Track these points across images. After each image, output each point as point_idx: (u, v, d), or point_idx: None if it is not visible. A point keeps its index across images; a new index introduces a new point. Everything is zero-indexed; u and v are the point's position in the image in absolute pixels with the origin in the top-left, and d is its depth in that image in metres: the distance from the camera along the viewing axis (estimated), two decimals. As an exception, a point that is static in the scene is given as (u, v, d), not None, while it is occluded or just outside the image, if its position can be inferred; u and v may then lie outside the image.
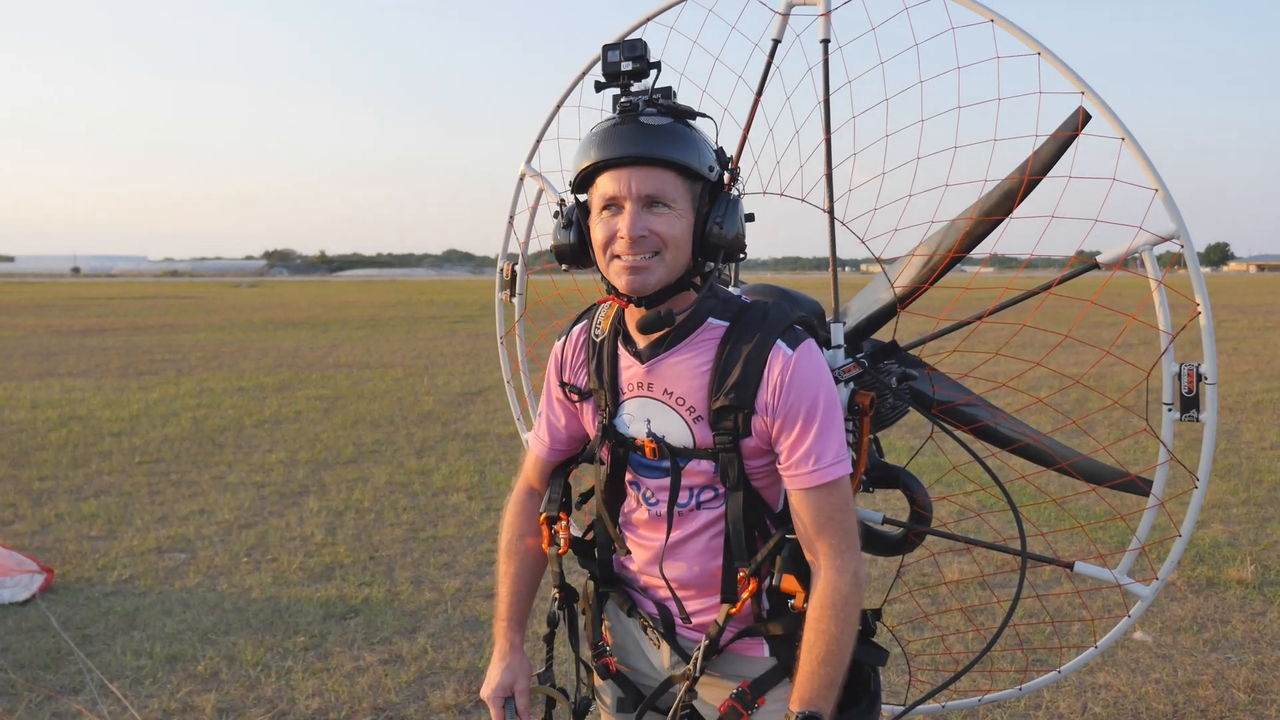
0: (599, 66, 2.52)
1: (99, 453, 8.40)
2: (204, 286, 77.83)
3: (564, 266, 1.72)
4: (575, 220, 1.66)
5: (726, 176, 1.64)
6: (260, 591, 4.94)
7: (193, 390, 12.35)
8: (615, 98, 1.62)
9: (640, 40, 1.61)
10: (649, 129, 1.55)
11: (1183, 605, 4.68)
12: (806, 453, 1.58)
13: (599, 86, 1.66)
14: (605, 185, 1.57)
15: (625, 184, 1.54)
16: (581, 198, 1.67)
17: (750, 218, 1.67)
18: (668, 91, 1.62)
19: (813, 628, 1.58)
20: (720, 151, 1.65)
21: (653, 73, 1.62)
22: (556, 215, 1.71)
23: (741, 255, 1.68)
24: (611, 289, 1.63)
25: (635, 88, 1.62)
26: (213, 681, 3.92)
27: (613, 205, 1.57)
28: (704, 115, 1.64)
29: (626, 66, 1.61)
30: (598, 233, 1.59)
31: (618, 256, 1.57)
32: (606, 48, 1.63)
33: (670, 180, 1.55)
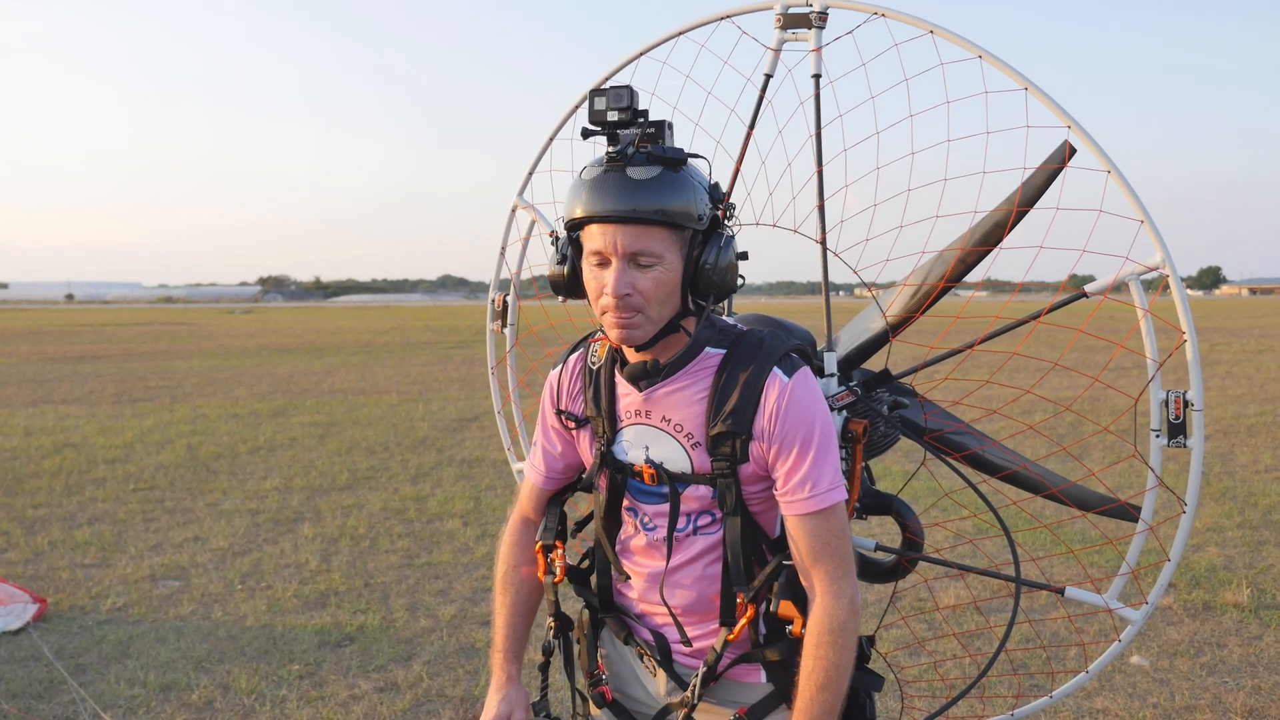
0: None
1: (93, 480, 8.37)
2: (198, 313, 77.77)
3: (560, 298, 1.75)
4: (569, 256, 1.67)
5: (720, 213, 1.62)
6: (255, 619, 4.91)
7: (187, 417, 12.32)
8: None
9: (626, 88, 1.55)
10: (635, 184, 1.52)
11: (1179, 629, 4.68)
12: (803, 479, 1.59)
13: (586, 134, 1.61)
14: (593, 238, 1.56)
15: (611, 241, 1.53)
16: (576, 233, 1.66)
17: (744, 256, 1.65)
18: (661, 128, 1.58)
19: (810, 654, 1.58)
20: (715, 187, 1.62)
21: (639, 120, 1.57)
22: (554, 240, 1.71)
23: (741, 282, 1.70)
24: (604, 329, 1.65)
25: (624, 134, 1.57)
26: (207, 710, 3.90)
27: (599, 258, 1.56)
28: (696, 156, 1.61)
29: (612, 116, 1.56)
30: (589, 284, 1.60)
31: (606, 311, 1.58)
32: (593, 93, 1.56)
33: (657, 235, 1.53)
